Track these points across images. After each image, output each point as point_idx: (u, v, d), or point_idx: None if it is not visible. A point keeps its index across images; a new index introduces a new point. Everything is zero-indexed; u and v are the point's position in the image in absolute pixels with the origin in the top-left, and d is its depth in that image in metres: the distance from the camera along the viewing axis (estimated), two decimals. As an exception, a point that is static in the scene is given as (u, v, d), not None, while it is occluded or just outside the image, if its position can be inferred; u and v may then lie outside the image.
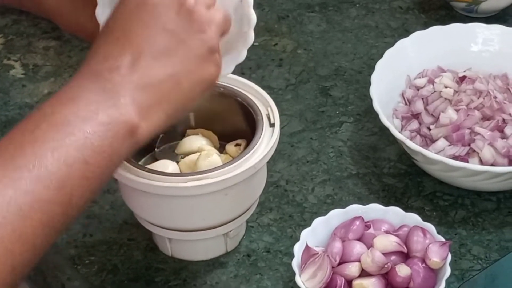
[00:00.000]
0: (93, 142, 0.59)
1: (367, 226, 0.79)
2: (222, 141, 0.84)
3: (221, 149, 0.83)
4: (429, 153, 0.83)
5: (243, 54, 0.73)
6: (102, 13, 0.73)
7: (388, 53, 0.95)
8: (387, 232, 0.79)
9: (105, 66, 0.62)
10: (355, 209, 0.81)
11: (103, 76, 0.62)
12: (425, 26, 1.01)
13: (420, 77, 0.96)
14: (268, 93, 0.81)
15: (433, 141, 0.89)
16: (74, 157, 0.58)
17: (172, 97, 0.64)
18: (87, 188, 0.60)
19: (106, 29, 0.65)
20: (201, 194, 0.74)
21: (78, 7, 0.97)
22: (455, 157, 0.86)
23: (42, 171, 0.57)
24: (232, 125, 0.83)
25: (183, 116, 0.84)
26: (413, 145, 0.84)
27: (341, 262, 0.76)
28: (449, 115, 0.89)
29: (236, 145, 0.82)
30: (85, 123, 0.59)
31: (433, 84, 0.94)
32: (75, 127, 0.59)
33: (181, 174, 0.77)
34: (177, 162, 0.81)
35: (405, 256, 0.77)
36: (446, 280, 0.78)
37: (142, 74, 0.62)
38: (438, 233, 0.83)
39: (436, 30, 0.98)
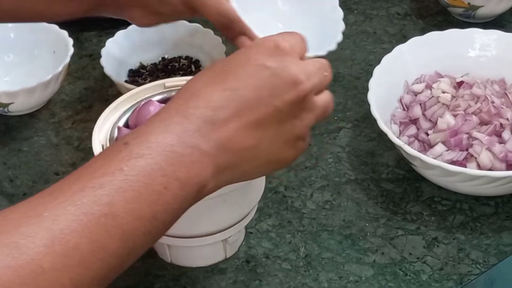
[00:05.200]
0: (165, 199, 0.57)
1: None
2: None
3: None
4: (427, 158, 0.83)
5: None
6: None
7: (386, 59, 0.95)
8: None
9: (202, 113, 0.60)
10: None
11: (195, 124, 0.59)
12: (423, 31, 1.01)
13: (417, 83, 0.96)
14: (266, 100, 0.82)
15: (431, 146, 0.89)
16: (145, 212, 0.56)
17: (245, 167, 0.62)
18: (147, 244, 0.57)
19: (218, 73, 0.63)
20: (200, 200, 0.74)
21: None
22: (453, 162, 0.86)
23: (111, 221, 0.54)
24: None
25: None
26: (411, 151, 0.84)
27: None
28: (447, 120, 0.89)
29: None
30: (164, 177, 0.57)
31: (430, 90, 0.94)
32: (155, 180, 0.56)
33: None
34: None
35: None
36: (445, 286, 0.79)
37: (231, 135, 0.60)
38: (436, 238, 0.84)
39: (433, 36, 0.98)
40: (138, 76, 1.03)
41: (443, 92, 0.93)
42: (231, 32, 0.78)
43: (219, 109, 0.60)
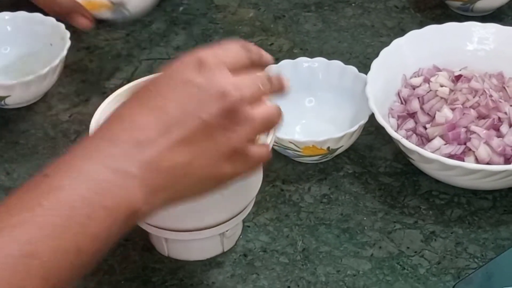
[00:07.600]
0: (91, 229, 0.55)
1: None
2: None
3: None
4: (425, 152, 0.83)
5: None
6: None
7: (384, 52, 0.95)
8: None
9: (128, 135, 0.58)
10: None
11: (121, 147, 0.57)
12: (421, 25, 1.01)
13: (415, 76, 0.96)
14: (264, 93, 0.81)
15: (429, 140, 0.89)
16: (69, 246, 0.54)
17: (178, 186, 0.60)
18: (74, 277, 0.55)
19: (143, 94, 0.61)
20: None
21: None
22: (451, 156, 0.86)
23: (33, 261, 0.52)
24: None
25: None
26: (409, 144, 0.84)
27: None
28: (445, 114, 0.89)
29: (232, 145, 0.82)
30: (87, 207, 0.55)
31: (428, 83, 0.94)
32: (77, 211, 0.54)
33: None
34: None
35: None
36: (443, 279, 0.79)
37: (160, 155, 0.58)
38: (434, 231, 0.84)
39: (431, 29, 0.98)
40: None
41: (441, 86, 0.93)
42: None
43: (146, 129, 0.58)
